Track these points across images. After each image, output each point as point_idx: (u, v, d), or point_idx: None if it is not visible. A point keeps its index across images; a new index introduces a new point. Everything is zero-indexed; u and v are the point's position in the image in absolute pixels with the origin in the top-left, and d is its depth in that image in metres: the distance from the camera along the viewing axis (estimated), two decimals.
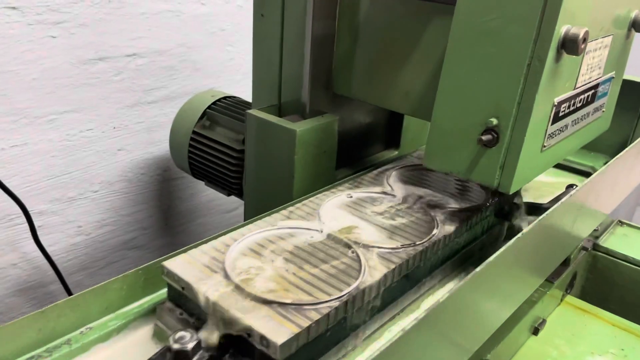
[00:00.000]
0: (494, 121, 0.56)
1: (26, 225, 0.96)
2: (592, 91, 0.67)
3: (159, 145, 1.16)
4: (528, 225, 0.58)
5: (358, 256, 0.54)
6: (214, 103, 1.02)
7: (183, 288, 0.50)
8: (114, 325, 0.51)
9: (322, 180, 0.77)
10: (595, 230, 0.96)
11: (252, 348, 0.45)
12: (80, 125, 1.02)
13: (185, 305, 0.51)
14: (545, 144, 0.60)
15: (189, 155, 1.01)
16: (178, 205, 1.25)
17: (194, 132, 0.99)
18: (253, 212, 0.84)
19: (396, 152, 0.93)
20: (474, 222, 0.66)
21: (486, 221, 0.69)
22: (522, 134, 0.55)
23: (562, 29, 0.52)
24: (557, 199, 0.73)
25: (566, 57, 0.55)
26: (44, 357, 0.46)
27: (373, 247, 0.56)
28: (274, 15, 0.79)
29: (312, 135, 0.75)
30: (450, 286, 0.61)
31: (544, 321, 0.80)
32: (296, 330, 0.44)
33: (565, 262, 0.85)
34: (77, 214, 1.07)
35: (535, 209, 0.73)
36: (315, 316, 0.46)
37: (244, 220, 0.88)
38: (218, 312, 0.46)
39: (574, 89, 0.61)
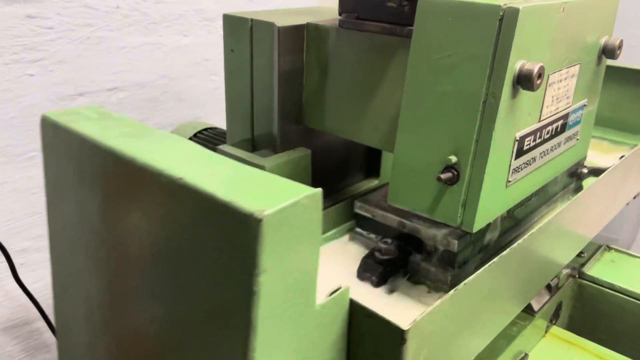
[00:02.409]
0: (453, 159, 0.54)
1: (6, 264, 0.95)
2: (562, 121, 0.65)
3: None
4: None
5: None
6: (195, 135, 1.02)
7: (374, 216, 0.69)
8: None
9: None
10: (582, 256, 0.94)
11: (433, 249, 0.63)
12: None
13: (373, 228, 0.72)
14: (510, 179, 0.58)
15: None
16: None
17: None
18: None
19: (376, 182, 0.92)
20: None
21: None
22: (482, 171, 0.54)
23: (517, 64, 0.51)
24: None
25: (524, 92, 0.54)
26: None
27: None
28: (243, 50, 0.78)
29: (282, 170, 0.73)
30: None
31: (526, 355, 0.78)
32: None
33: (549, 291, 0.83)
34: None
35: (599, 172, 0.83)
36: None
37: None
38: (407, 227, 0.65)
39: (539, 122, 0.60)
